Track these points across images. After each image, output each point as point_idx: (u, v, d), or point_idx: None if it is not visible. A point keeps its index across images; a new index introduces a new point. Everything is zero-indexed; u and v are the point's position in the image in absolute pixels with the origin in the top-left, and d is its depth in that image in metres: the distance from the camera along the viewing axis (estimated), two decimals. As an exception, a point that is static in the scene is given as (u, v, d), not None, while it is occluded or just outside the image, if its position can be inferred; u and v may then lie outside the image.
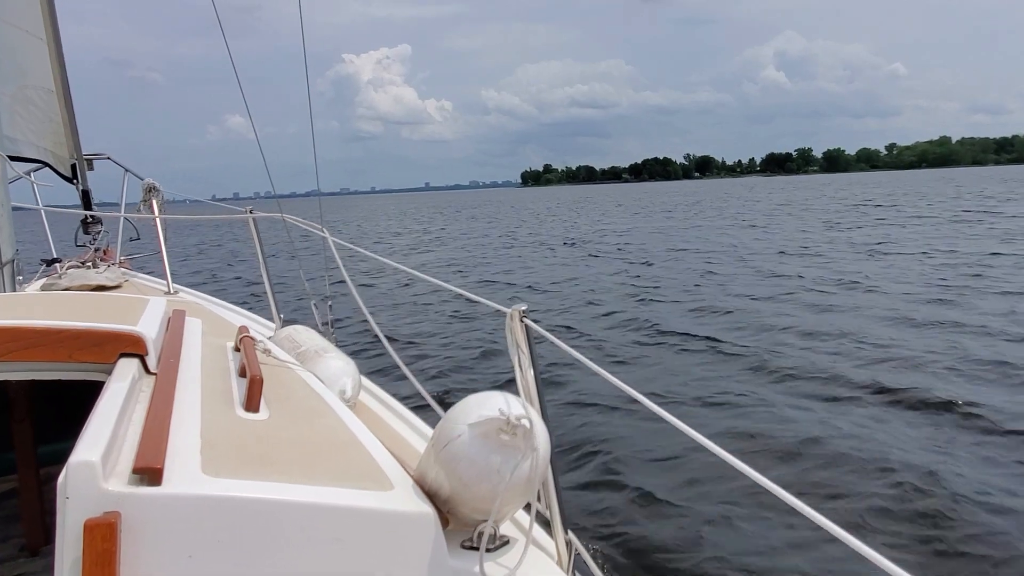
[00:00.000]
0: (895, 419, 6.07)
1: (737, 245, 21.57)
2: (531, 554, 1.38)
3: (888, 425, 5.95)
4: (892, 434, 5.71)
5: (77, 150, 5.14)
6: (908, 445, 5.45)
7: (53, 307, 2.02)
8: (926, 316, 9.91)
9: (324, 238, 3.52)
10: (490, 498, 1.31)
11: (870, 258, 16.99)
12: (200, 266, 22.21)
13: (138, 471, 1.10)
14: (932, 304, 10.81)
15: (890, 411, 6.25)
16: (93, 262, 4.25)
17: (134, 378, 1.54)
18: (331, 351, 2.59)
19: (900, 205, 39.21)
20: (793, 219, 32.60)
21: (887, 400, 6.50)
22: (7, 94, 4.34)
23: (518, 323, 1.69)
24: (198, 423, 1.40)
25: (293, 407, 1.77)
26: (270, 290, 3.82)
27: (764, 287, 13.27)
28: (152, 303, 2.19)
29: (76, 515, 1.02)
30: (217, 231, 37.97)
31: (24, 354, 1.57)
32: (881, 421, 6.03)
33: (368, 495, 1.29)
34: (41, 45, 4.78)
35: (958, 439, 5.54)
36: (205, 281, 17.19)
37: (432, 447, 1.42)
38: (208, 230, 38.24)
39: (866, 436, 5.64)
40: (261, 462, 1.29)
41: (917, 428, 5.86)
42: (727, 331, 9.55)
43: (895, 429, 5.84)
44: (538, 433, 1.35)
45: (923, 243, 19.37)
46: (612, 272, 16.62)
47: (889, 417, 6.12)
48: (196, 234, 37.16)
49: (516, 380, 1.69)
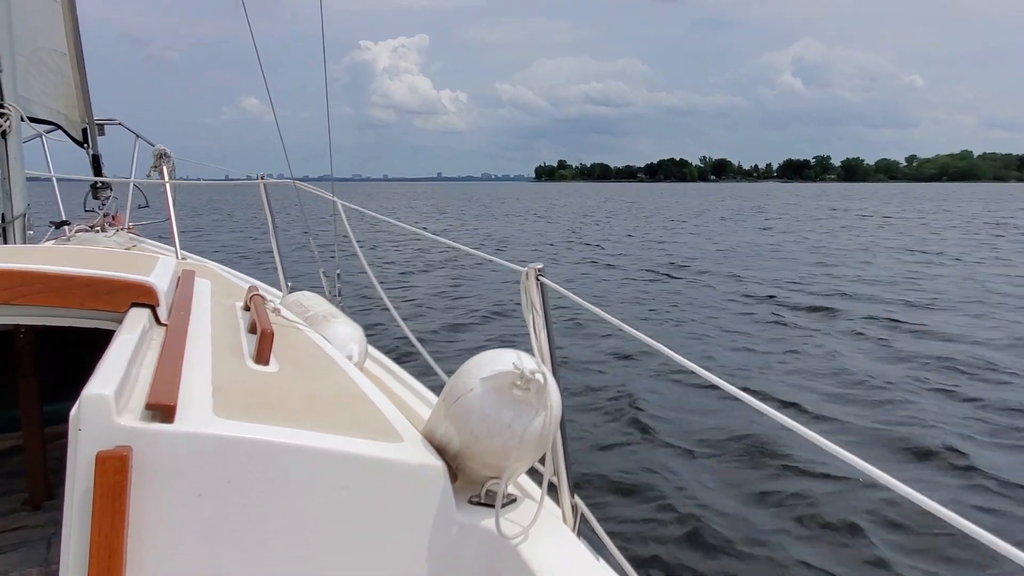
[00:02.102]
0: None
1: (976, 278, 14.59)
2: (539, 513, 1.36)
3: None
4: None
5: (88, 114, 5.14)
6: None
7: (64, 257, 2.01)
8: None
9: (333, 202, 3.48)
10: (501, 453, 1.30)
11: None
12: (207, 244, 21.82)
13: (151, 407, 1.10)
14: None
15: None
16: (102, 226, 4.25)
17: (145, 327, 1.53)
18: (339, 316, 2.57)
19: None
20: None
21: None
22: (22, 55, 4.32)
23: (533, 282, 1.66)
24: (209, 370, 1.39)
25: (302, 362, 1.76)
26: (279, 257, 3.82)
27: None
28: (163, 261, 2.18)
29: (88, 447, 1.02)
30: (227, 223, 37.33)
31: (35, 299, 1.57)
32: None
33: (377, 445, 1.28)
34: (55, 8, 4.77)
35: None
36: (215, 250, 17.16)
37: (443, 402, 1.41)
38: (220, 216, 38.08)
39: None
40: (271, 409, 1.28)
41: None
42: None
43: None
44: (551, 390, 1.33)
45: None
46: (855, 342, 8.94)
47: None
48: (206, 215, 37.10)
49: (530, 339, 1.67)
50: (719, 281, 14.26)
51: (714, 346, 8.65)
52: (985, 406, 6.30)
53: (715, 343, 8.82)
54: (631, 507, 4.37)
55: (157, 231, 4.86)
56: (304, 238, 4.05)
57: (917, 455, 5.18)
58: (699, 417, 5.86)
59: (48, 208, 5.23)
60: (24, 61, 4.39)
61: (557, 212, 46.77)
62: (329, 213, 3.79)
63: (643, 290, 13.36)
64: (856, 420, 5.87)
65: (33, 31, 4.48)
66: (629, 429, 5.66)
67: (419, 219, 39.03)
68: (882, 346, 8.66)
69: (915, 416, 5.95)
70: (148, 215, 5.17)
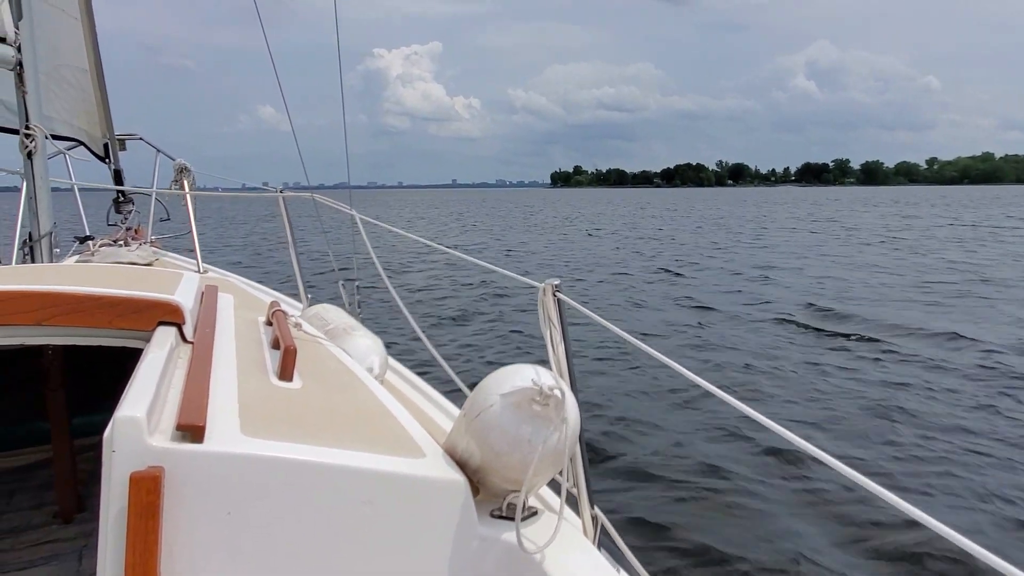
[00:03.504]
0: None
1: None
2: (560, 525, 1.38)
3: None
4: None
5: (109, 129, 5.22)
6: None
7: (92, 276, 2.05)
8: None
9: (352, 215, 3.51)
10: (521, 468, 1.32)
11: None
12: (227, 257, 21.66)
13: (181, 428, 1.13)
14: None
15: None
16: (124, 240, 4.31)
17: (172, 345, 1.56)
18: (359, 329, 2.59)
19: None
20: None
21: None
22: (43, 73, 4.39)
23: (551, 297, 1.68)
24: (235, 388, 1.42)
25: (325, 378, 1.79)
26: (298, 269, 3.86)
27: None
28: (187, 277, 2.23)
29: (122, 468, 1.04)
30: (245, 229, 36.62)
31: (65, 319, 1.61)
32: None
33: (400, 461, 1.30)
34: (75, 25, 4.85)
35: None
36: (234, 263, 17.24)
37: (463, 417, 1.43)
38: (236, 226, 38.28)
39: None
40: (296, 426, 1.31)
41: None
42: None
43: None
44: (569, 405, 1.36)
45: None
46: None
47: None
48: (225, 227, 36.93)
49: (548, 354, 1.69)
50: (927, 345, 9.04)
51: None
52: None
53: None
54: (652, 520, 4.37)
55: (179, 244, 4.92)
56: (316, 249, 4.05)
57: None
58: (719, 434, 5.86)
59: (72, 219, 5.33)
60: (45, 79, 4.47)
61: (600, 223, 40.75)
62: (345, 222, 3.81)
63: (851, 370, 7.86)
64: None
65: (53, 48, 4.55)
66: (649, 444, 5.66)
67: (449, 238, 30.67)
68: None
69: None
70: (168, 228, 5.25)
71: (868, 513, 4.38)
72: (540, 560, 1.32)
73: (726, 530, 4.22)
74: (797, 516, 4.42)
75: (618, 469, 5.14)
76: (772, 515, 4.42)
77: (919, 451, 5.53)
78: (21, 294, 1.59)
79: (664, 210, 61.23)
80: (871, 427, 6.05)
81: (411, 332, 3.01)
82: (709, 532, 4.19)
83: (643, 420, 6.15)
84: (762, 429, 1.21)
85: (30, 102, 3.42)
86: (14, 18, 3.21)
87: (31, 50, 3.36)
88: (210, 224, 38.03)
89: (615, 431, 5.93)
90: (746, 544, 4.06)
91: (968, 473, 5.06)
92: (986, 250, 22.36)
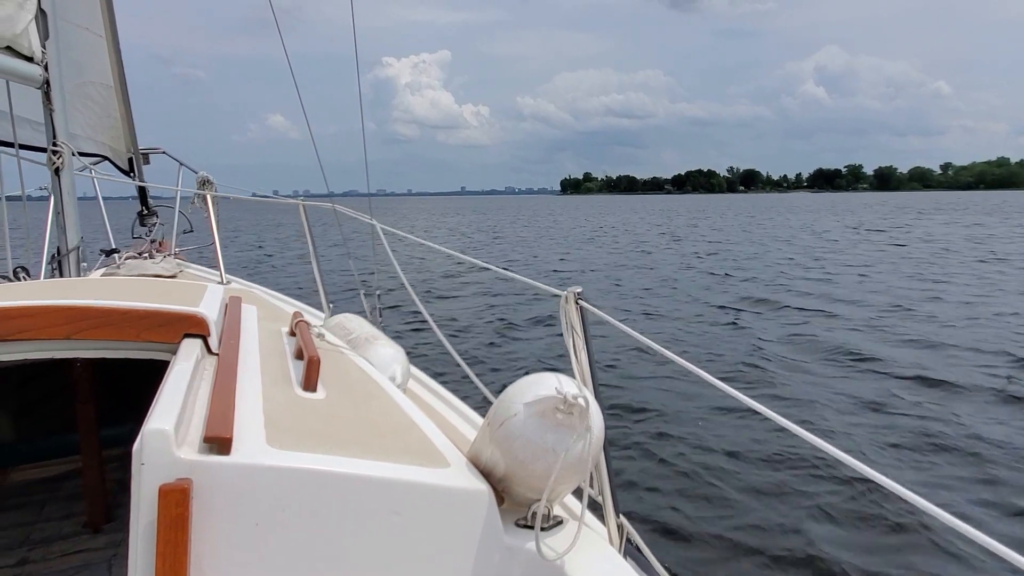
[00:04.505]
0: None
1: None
2: (585, 534, 1.38)
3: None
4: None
5: (134, 144, 5.29)
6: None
7: (119, 290, 2.08)
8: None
9: (373, 225, 3.54)
10: (545, 477, 1.32)
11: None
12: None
13: (208, 440, 1.14)
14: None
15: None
16: (149, 253, 4.37)
17: (198, 357, 1.58)
18: (381, 338, 2.61)
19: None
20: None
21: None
22: (67, 91, 4.47)
23: (573, 305, 1.68)
24: (260, 399, 1.43)
25: (349, 388, 1.80)
26: (319, 279, 3.89)
27: None
28: (211, 289, 2.26)
29: (151, 480, 1.06)
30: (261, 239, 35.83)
31: (93, 332, 1.63)
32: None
33: (425, 471, 1.31)
34: (98, 42, 4.93)
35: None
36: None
37: (487, 426, 1.44)
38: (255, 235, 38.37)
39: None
40: (322, 437, 1.32)
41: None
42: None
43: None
44: (593, 413, 1.35)
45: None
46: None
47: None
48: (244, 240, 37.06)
49: (571, 362, 1.68)
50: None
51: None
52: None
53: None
54: (678, 530, 4.32)
55: (203, 255, 4.98)
56: (338, 257, 4.09)
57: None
58: (747, 444, 5.78)
59: (97, 233, 5.40)
60: (70, 96, 4.55)
61: (635, 233, 36.38)
62: (364, 231, 3.83)
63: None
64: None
65: (77, 66, 4.64)
66: (676, 453, 5.60)
67: (484, 254, 25.91)
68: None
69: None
70: (191, 239, 5.31)
71: (921, 534, 4.21)
72: (566, 568, 1.32)
73: (758, 543, 4.14)
74: (839, 532, 4.32)
75: (643, 478, 5.10)
76: (809, 531, 4.32)
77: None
78: (51, 309, 1.62)
79: (697, 219, 54.22)
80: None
81: (434, 341, 3.01)
82: (739, 543, 4.14)
83: (669, 429, 6.09)
84: (796, 441, 1.21)
85: (57, 119, 3.47)
86: (41, 38, 3.27)
87: (57, 68, 3.42)
88: (228, 235, 38.13)
89: (640, 439, 5.89)
90: (780, 560, 3.97)
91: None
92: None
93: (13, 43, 3.04)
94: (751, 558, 3.97)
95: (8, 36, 2.99)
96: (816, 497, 4.74)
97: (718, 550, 4.07)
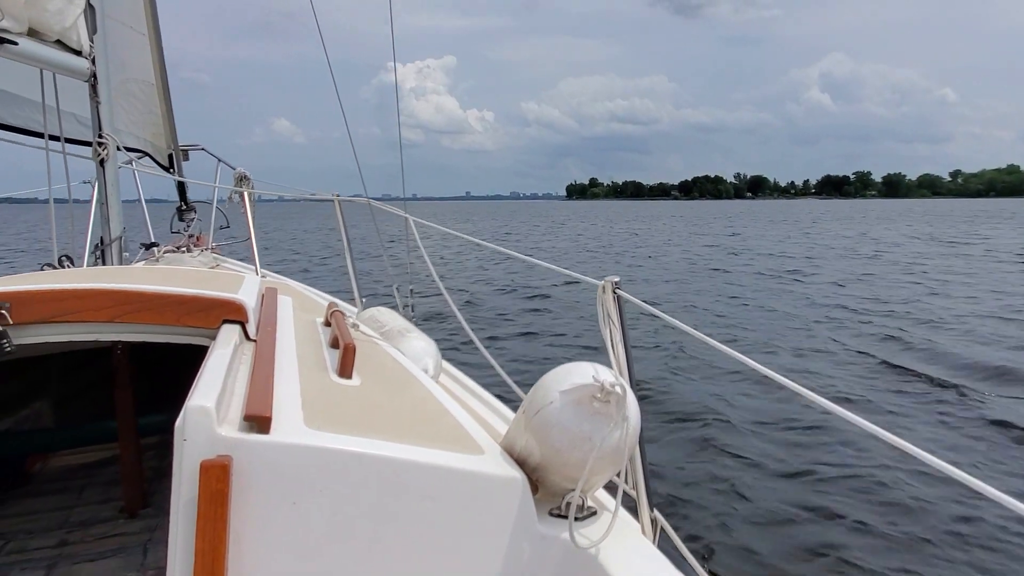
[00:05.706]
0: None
1: None
2: (619, 526, 1.37)
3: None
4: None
5: (174, 141, 5.40)
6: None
7: (159, 278, 2.12)
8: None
9: (406, 219, 3.59)
10: (581, 466, 1.31)
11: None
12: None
13: (248, 419, 1.16)
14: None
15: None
16: (187, 247, 4.47)
17: (236, 342, 1.61)
18: (413, 331, 2.62)
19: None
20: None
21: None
22: (112, 87, 4.59)
23: (610, 295, 1.66)
24: (297, 383, 1.45)
25: (383, 376, 1.81)
26: (353, 273, 3.92)
27: None
28: (248, 279, 2.30)
29: (193, 456, 1.07)
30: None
31: (135, 316, 1.68)
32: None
33: (460, 457, 1.31)
34: (141, 40, 5.04)
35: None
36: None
37: (522, 414, 1.43)
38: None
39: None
40: (358, 421, 1.33)
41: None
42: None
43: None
44: (630, 403, 1.34)
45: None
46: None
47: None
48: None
49: (608, 352, 1.67)
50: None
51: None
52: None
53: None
54: (714, 525, 4.22)
55: (238, 251, 5.08)
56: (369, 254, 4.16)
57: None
58: (788, 432, 5.64)
59: (137, 228, 5.53)
60: (114, 92, 4.67)
61: (684, 246, 30.90)
62: (397, 229, 3.86)
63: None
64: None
65: (121, 63, 4.74)
66: (713, 444, 5.49)
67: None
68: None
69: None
70: (228, 235, 5.43)
71: (951, 504, 4.11)
72: (599, 559, 1.30)
73: (796, 537, 4.03)
74: (880, 528, 4.19)
75: (679, 474, 4.99)
76: (846, 524, 4.20)
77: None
78: (96, 292, 1.67)
79: (727, 227, 49.16)
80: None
81: (465, 336, 3.07)
82: (778, 538, 4.04)
83: (711, 420, 5.94)
84: (842, 423, 1.15)
85: (103, 112, 3.53)
86: (89, 32, 3.34)
87: (104, 62, 3.48)
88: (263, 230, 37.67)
89: (679, 432, 5.77)
90: (817, 553, 3.87)
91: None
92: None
93: (63, 36, 3.10)
94: (791, 556, 3.85)
95: (58, 29, 3.04)
96: (871, 496, 4.53)
97: (756, 546, 3.95)
